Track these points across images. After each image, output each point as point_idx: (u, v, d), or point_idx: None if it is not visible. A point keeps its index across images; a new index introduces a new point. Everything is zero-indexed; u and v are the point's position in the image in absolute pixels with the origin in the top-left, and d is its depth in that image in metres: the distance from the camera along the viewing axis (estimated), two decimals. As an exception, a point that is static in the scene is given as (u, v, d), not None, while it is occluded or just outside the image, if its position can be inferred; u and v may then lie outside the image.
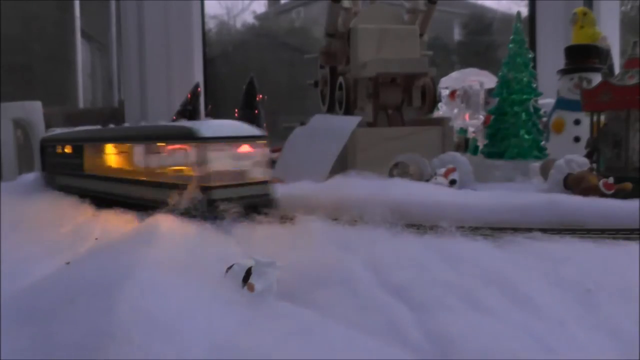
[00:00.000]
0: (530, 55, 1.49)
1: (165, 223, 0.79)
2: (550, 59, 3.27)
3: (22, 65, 3.52)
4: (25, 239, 0.85)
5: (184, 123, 1.03)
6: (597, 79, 1.42)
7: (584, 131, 1.40)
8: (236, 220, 0.84)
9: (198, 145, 0.88)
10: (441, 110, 2.03)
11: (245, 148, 0.91)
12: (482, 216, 0.91)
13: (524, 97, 1.44)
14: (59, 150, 1.38)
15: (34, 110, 1.97)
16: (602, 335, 0.50)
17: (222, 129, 0.92)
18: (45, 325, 0.48)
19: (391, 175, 1.21)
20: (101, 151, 1.17)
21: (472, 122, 1.93)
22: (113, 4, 4.06)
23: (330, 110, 1.69)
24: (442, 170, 1.20)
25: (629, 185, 1.02)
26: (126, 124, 1.04)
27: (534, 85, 1.47)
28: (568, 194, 1.06)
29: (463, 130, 1.89)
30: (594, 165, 1.16)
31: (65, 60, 3.76)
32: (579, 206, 0.93)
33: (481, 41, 4.43)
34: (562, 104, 1.58)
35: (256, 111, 3.35)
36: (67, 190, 1.29)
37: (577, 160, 1.14)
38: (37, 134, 1.92)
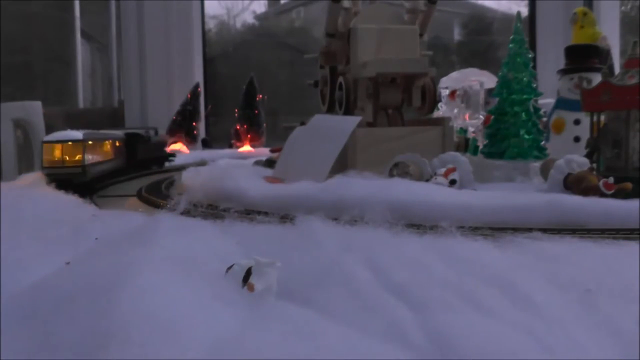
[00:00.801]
0: (530, 55, 1.48)
1: (165, 223, 0.79)
2: (550, 59, 3.28)
3: (22, 65, 3.52)
4: (25, 239, 0.85)
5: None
6: (597, 79, 1.42)
7: (584, 131, 1.40)
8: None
9: (42, 145, 1.53)
10: (441, 110, 2.03)
11: (59, 148, 1.51)
12: (482, 216, 0.91)
13: (524, 97, 1.44)
14: None
15: (34, 110, 1.97)
16: (602, 335, 0.50)
17: (56, 136, 1.52)
18: (45, 325, 0.48)
19: (391, 175, 1.21)
20: None
21: (472, 122, 1.93)
22: (113, 4, 4.07)
23: (330, 110, 1.68)
24: (442, 170, 1.20)
25: (629, 185, 1.01)
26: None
27: (534, 85, 1.46)
28: (568, 194, 1.06)
29: (463, 130, 1.89)
30: (594, 165, 1.16)
31: (65, 60, 3.76)
32: (579, 206, 0.93)
33: (481, 41, 4.44)
34: (562, 104, 1.58)
35: (256, 111, 3.36)
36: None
37: (577, 160, 1.14)
38: (37, 134, 1.92)
